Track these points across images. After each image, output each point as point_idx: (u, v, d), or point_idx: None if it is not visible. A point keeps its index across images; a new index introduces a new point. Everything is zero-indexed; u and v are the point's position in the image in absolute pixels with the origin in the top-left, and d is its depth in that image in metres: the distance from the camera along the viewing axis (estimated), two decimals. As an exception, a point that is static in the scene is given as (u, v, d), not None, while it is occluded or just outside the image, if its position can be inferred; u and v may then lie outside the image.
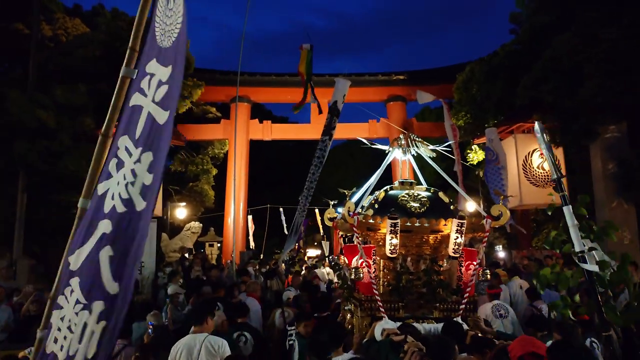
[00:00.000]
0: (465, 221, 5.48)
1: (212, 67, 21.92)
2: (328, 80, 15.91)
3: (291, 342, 5.42)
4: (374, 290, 5.31)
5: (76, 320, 1.87)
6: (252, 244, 19.94)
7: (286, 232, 16.07)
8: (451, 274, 5.64)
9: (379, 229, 5.63)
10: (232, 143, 17.52)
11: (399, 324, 4.67)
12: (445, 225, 5.57)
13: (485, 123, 15.10)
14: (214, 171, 20.54)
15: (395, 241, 5.41)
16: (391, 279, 5.56)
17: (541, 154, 13.28)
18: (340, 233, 7.09)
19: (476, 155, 16.02)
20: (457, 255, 5.57)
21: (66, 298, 1.92)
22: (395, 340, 3.92)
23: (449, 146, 6.89)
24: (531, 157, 13.28)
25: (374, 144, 6.88)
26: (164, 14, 2.15)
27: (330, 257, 14.51)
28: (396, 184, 6.25)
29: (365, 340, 4.73)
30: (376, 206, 5.76)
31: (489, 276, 5.76)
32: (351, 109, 23.03)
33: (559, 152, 13.30)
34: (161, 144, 1.94)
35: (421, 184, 6.28)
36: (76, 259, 1.95)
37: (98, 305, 1.84)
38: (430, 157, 6.55)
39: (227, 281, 10.38)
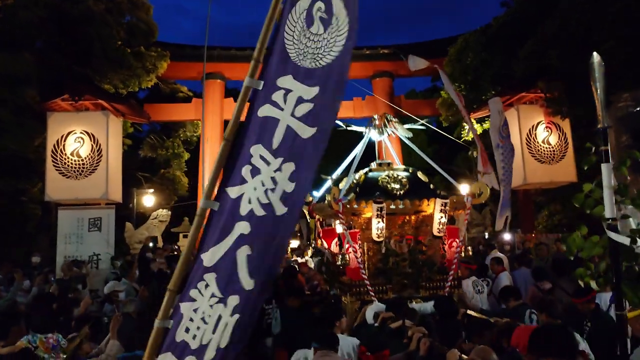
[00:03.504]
0: (448, 201, 5.68)
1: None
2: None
3: (269, 320, 5.52)
4: (362, 275, 5.45)
5: (210, 313, 2.01)
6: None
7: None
8: (435, 253, 5.83)
9: (363, 213, 5.74)
10: (204, 124, 15.96)
11: None
12: (427, 205, 5.73)
13: (482, 95, 13.80)
14: (186, 155, 18.94)
15: (382, 225, 5.55)
16: (377, 262, 5.69)
17: (547, 126, 12.02)
18: (317, 217, 6.61)
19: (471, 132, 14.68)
20: (441, 234, 5.78)
21: (200, 292, 2.04)
22: (393, 327, 3.92)
23: (439, 123, 6.91)
24: (535, 130, 12.02)
25: (350, 126, 6.96)
26: (300, 33, 2.19)
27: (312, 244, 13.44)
28: (374, 165, 6.32)
29: (356, 324, 4.82)
30: (357, 189, 5.84)
31: (470, 253, 6.30)
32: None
33: (566, 125, 12.06)
34: (305, 156, 2.05)
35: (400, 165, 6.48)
36: (211, 257, 2.06)
37: (233, 300, 1.99)
38: (407, 137, 6.69)
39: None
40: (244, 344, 2.02)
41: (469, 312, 4.73)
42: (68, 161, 11.19)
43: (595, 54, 2.57)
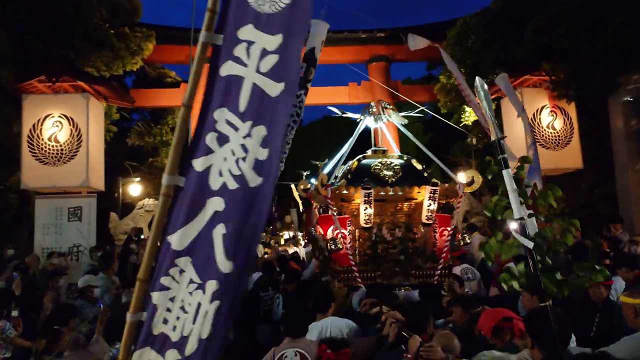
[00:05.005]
0: (438, 188, 5.66)
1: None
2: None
3: (267, 307, 5.68)
4: (351, 261, 5.51)
5: (190, 300, 1.84)
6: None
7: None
8: (426, 240, 5.84)
9: (353, 199, 5.73)
10: (193, 110, 15.27)
11: None
12: (418, 192, 5.76)
13: (483, 79, 13.16)
14: (175, 143, 18.22)
15: (370, 211, 5.56)
16: (367, 249, 5.71)
17: (552, 111, 11.46)
18: (315, 204, 6.54)
19: (472, 116, 14.13)
20: (431, 222, 5.79)
21: (173, 278, 1.86)
22: (372, 313, 3.94)
23: (437, 110, 6.92)
24: (540, 115, 11.45)
25: (345, 113, 6.99)
26: None
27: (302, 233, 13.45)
28: (369, 152, 6.33)
29: (342, 310, 4.85)
30: (349, 176, 5.89)
31: (468, 240, 6.19)
32: (329, 70, 21.02)
33: (572, 109, 11.50)
34: (277, 118, 1.84)
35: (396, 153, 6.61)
36: (180, 239, 1.85)
37: (211, 285, 1.82)
38: (402, 124, 6.71)
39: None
40: (226, 334, 1.86)
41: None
42: (45, 147, 10.50)
43: (478, 78, 2.70)
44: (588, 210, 12.97)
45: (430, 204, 5.67)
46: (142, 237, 11.72)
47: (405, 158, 6.31)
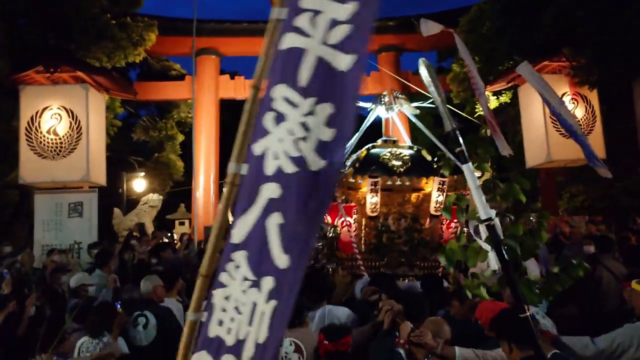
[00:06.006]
0: (446, 179, 5.67)
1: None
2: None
3: None
4: (354, 249, 5.61)
5: (244, 300, 1.66)
6: (230, 219, 17.52)
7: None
8: (433, 232, 5.85)
9: (360, 188, 5.77)
10: (197, 103, 14.89)
11: None
12: (426, 183, 5.78)
13: (498, 66, 12.68)
14: (180, 137, 17.87)
15: (376, 200, 5.61)
16: (372, 238, 5.77)
17: (572, 98, 10.90)
18: None
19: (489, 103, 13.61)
20: (438, 213, 5.76)
21: (230, 275, 1.69)
22: (370, 300, 4.10)
23: (449, 100, 6.17)
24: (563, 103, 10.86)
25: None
26: None
27: None
28: (379, 142, 6.38)
29: (345, 298, 4.94)
30: (357, 165, 5.91)
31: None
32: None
33: (594, 96, 10.95)
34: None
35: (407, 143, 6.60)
36: (239, 231, 1.68)
37: (267, 282, 1.62)
38: (414, 114, 6.71)
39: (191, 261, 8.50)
40: (281, 339, 1.70)
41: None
42: (44, 140, 10.10)
43: (421, 60, 2.63)
44: (609, 202, 12.44)
45: (439, 196, 5.69)
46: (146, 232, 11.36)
47: (415, 149, 6.30)
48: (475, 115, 14.03)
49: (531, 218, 6.78)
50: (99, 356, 3.37)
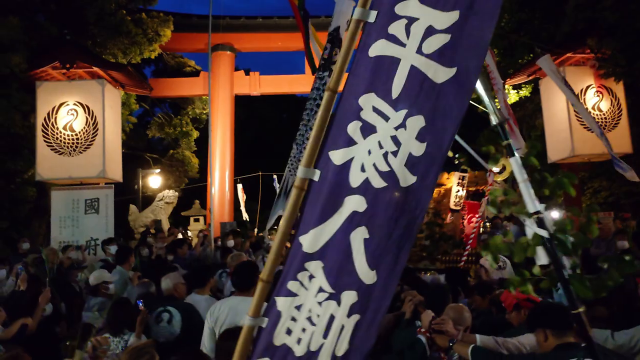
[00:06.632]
0: (467, 175, 6.28)
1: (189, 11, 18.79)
2: (325, 22, 13.23)
3: None
4: None
5: (319, 312, 1.63)
6: (245, 216, 17.47)
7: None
8: (454, 226, 6.22)
9: None
10: (212, 99, 14.81)
11: None
12: (447, 178, 6.37)
13: (518, 60, 12.39)
14: (195, 134, 17.83)
15: None
16: None
17: (597, 91, 10.59)
18: None
19: (509, 97, 13.34)
20: (459, 208, 6.27)
21: (302, 284, 1.65)
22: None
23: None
24: (584, 95, 10.56)
25: None
26: None
27: None
28: None
29: None
30: None
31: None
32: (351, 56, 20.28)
33: (619, 89, 10.62)
34: (441, 108, 1.55)
35: None
36: (313, 240, 1.64)
37: (349, 296, 1.59)
38: None
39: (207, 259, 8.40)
40: (369, 350, 1.61)
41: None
42: (60, 136, 10.06)
43: None
44: (636, 199, 12.11)
45: (458, 190, 6.16)
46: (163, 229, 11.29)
47: None
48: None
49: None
50: (136, 346, 3.25)
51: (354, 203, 1.62)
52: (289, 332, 1.67)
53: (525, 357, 2.95)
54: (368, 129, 1.63)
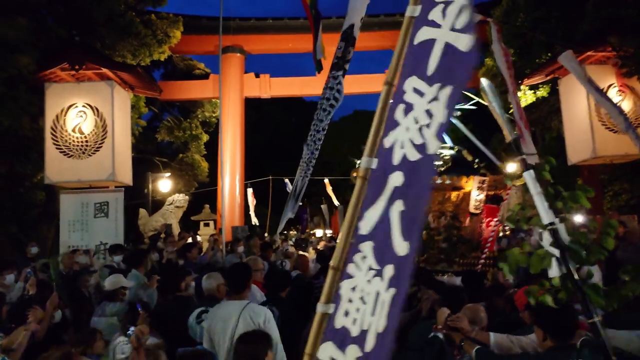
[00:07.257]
0: (486, 179, 6.12)
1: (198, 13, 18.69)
2: (335, 23, 13.04)
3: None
4: None
5: (369, 289, 1.66)
6: (254, 220, 17.25)
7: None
8: (472, 230, 6.08)
9: None
10: (222, 102, 14.66)
11: None
12: (466, 182, 6.16)
13: (536, 58, 12.10)
14: (205, 137, 17.67)
15: None
16: None
17: (620, 90, 10.27)
18: None
19: (525, 98, 13.04)
20: (478, 211, 6.12)
21: (357, 265, 1.71)
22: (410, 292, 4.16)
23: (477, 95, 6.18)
24: (606, 94, 10.24)
25: None
26: None
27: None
28: None
29: None
30: None
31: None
32: (364, 57, 20.10)
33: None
34: (462, 74, 1.62)
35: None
36: (367, 222, 1.71)
37: (389, 270, 1.63)
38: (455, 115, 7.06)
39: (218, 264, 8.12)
40: (396, 329, 1.55)
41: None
42: (69, 138, 9.90)
43: (483, 80, 2.46)
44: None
45: (478, 194, 6.08)
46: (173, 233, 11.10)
47: (455, 149, 6.75)
48: (509, 112, 13.47)
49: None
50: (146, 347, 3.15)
51: (395, 179, 1.67)
52: (346, 314, 1.70)
53: (520, 357, 3.01)
54: (408, 109, 1.71)
